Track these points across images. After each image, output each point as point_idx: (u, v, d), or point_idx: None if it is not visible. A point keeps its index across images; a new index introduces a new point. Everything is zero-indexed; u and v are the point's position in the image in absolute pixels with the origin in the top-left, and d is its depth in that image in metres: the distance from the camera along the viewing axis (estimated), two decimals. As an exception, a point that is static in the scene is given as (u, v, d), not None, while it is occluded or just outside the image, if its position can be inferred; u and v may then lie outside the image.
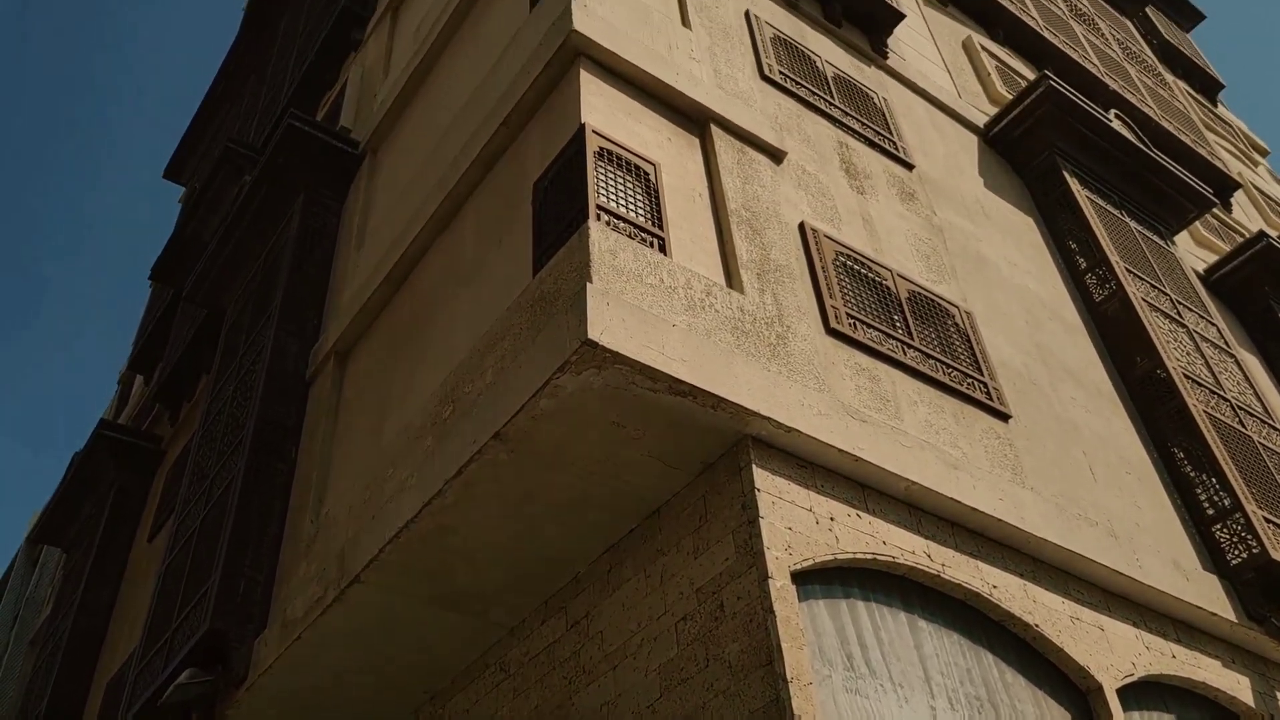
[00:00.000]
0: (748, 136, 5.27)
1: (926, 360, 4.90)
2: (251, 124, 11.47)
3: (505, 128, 5.17)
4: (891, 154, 6.27)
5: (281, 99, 10.15)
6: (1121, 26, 11.89)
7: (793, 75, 6.13)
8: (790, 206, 5.12)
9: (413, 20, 8.22)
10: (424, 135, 6.65)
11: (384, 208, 6.75)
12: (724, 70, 5.61)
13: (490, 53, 6.01)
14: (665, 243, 4.31)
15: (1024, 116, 7.36)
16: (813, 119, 5.97)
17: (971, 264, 5.99)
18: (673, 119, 5.09)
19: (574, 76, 4.84)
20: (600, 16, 5.06)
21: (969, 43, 8.75)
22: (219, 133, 13.38)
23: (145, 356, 11.36)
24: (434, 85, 7.02)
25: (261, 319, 6.95)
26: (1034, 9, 9.90)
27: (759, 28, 6.26)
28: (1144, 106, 9.73)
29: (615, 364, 3.69)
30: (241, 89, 13.33)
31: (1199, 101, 13.20)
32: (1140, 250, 7.13)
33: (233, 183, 9.68)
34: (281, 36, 12.02)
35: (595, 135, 4.50)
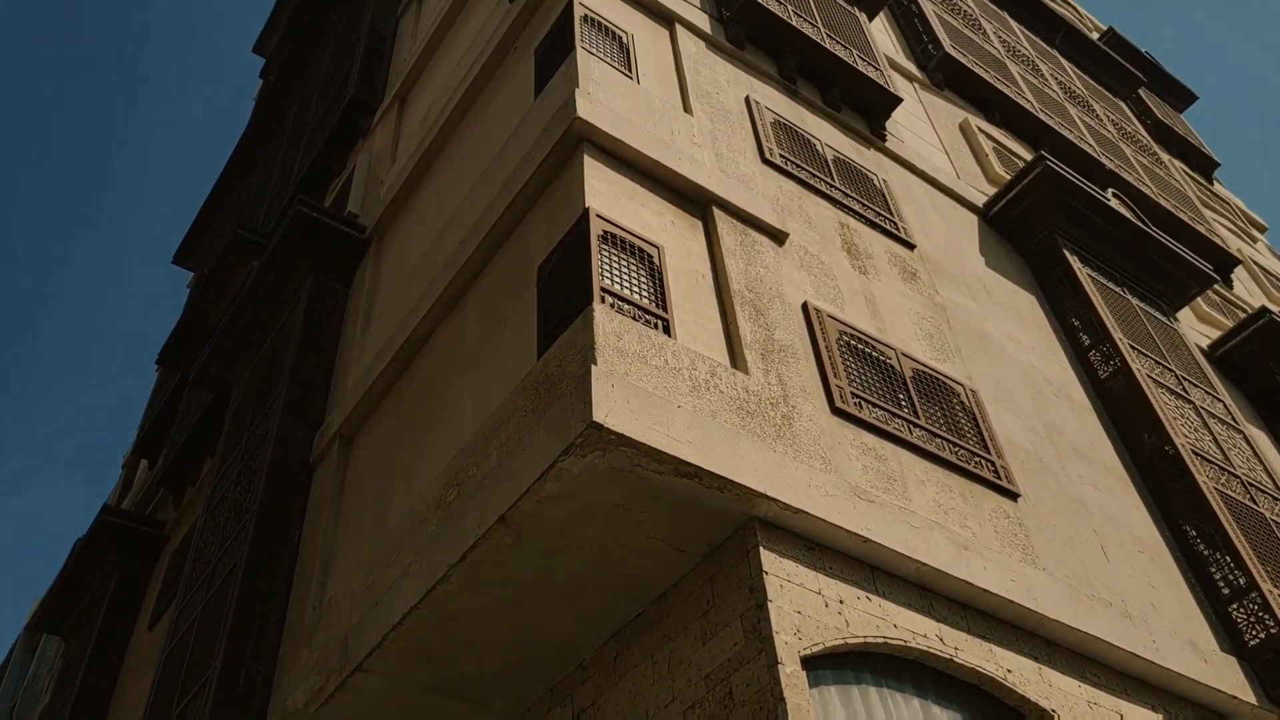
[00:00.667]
0: (750, 218, 5.33)
1: (933, 439, 4.87)
2: (261, 210, 11.64)
3: (510, 212, 5.24)
4: (892, 234, 6.34)
5: (290, 186, 10.32)
6: (1115, 108, 12.10)
7: (793, 158, 6.22)
8: (793, 287, 5.16)
9: (420, 109, 8.40)
10: (430, 220, 6.73)
11: (390, 291, 6.81)
12: (725, 154, 5.70)
13: (496, 139, 6.11)
14: (669, 324, 4.33)
15: (1022, 196, 7.45)
16: (814, 201, 6.04)
17: (975, 342, 6.00)
18: (676, 202, 5.16)
19: (578, 162, 4.92)
20: (603, 103, 5.17)
21: (966, 125, 8.90)
22: (228, 219, 13.58)
23: (150, 441, 11.35)
24: (440, 171, 7.14)
25: (267, 403, 6.96)
26: (1029, 92, 10.08)
27: (759, 113, 6.38)
28: (1141, 185, 9.84)
29: (620, 446, 3.68)
30: (251, 176, 13.56)
31: (1195, 180, 13.37)
32: (1143, 327, 7.14)
33: (241, 268, 9.78)
34: (291, 125, 12.27)
35: (599, 219, 4.55)
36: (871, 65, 7.64)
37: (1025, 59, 10.96)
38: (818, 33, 7.43)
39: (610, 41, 5.93)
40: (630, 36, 6.10)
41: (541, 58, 6.06)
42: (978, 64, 9.68)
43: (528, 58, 6.29)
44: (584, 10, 5.99)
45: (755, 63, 6.96)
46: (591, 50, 5.67)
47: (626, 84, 5.60)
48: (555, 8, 6.26)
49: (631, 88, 5.60)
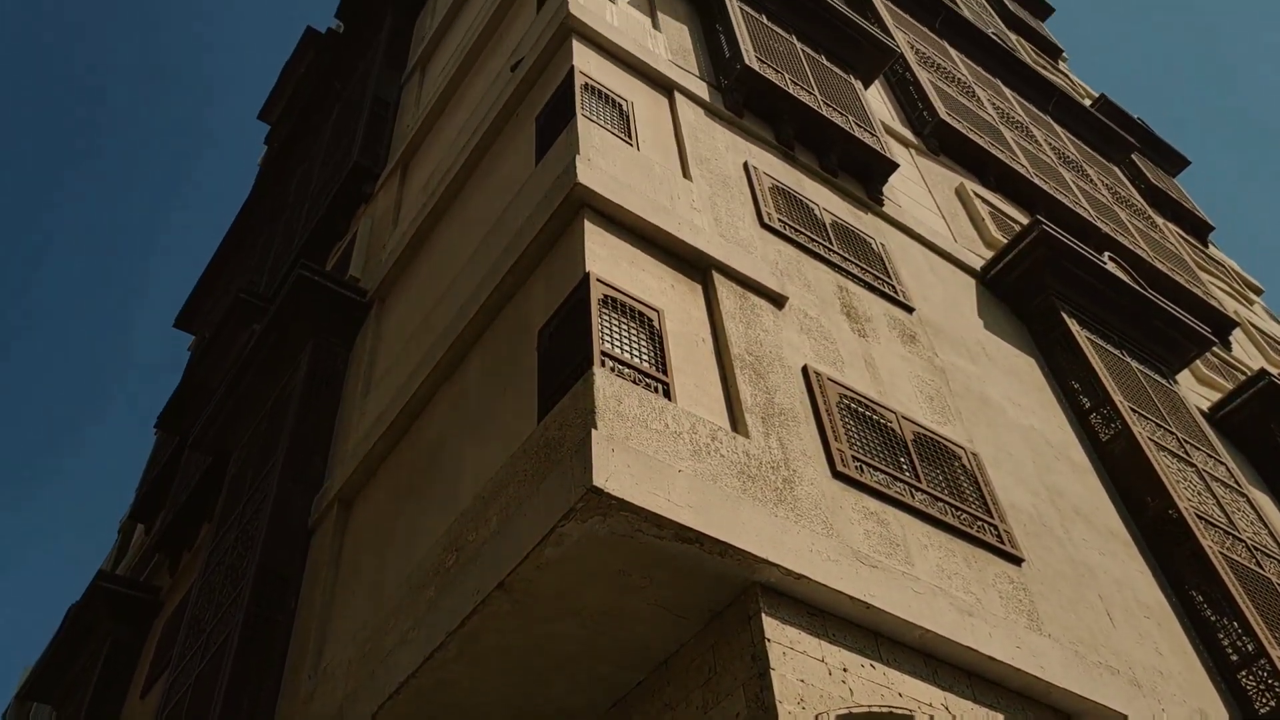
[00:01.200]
0: (749, 282, 5.36)
1: (935, 503, 4.85)
2: (263, 274, 11.71)
3: (511, 276, 5.27)
4: (891, 298, 6.37)
5: (293, 250, 10.40)
6: (1109, 172, 12.25)
7: (792, 223, 6.28)
8: (793, 350, 5.17)
9: (422, 175, 8.49)
10: (431, 284, 6.77)
11: (390, 355, 6.82)
12: (724, 219, 5.76)
13: (497, 204, 6.18)
14: (670, 388, 4.33)
15: (1019, 260, 7.51)
16: (813, 265, 6.08)
17: (976, 405, 6.00)
18: (675, 266, 5.19)
19: (578, 226, 4.96)
20: (603, 169, 5.23)
21: (962, 189, 9.00)
22: (231, 283, 13.65)
23: (148, 505, 11.28)
24: (441, 235, 7.20)
25: (266, 466, 6.93)
26: (1023, 156, 10.21)
27: (758, 178, 6.45)
28: (1137, 249, 9.92)
29: (621, 511, 3.65)
30: (254, 240, 13.67)
31: (1190, 243, 13.48)
32: (1143, 389, 7.15)
33: (242, 331, 9.81)
34: (295, 190, 12.40)
35: (599, 283, 4.58)
36: (868, 131, 7.75)
37: (1019, 125, 11.11)
38: (814, 100, 7.55)
39: (610, 109, 6.02)
40: (630, 104, 6.20)
41: (543, 125, 6.14)
42: (972, 130, 9.82)
43: (529, 125, 6.38)
44: (585, 79, 6.10)
45: (753, 129, 7.06)
46: (592, 118, 5.75)
47: (627, 150, 5.67)
48: (556, 76, 6.36)
49: (631, 154, 5.67)
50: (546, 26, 6.79)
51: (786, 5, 8.46)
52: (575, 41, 6.47)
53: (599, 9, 6.95)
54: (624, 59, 6.67)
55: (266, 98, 18.28)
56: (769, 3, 8.36)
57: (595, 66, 6.36)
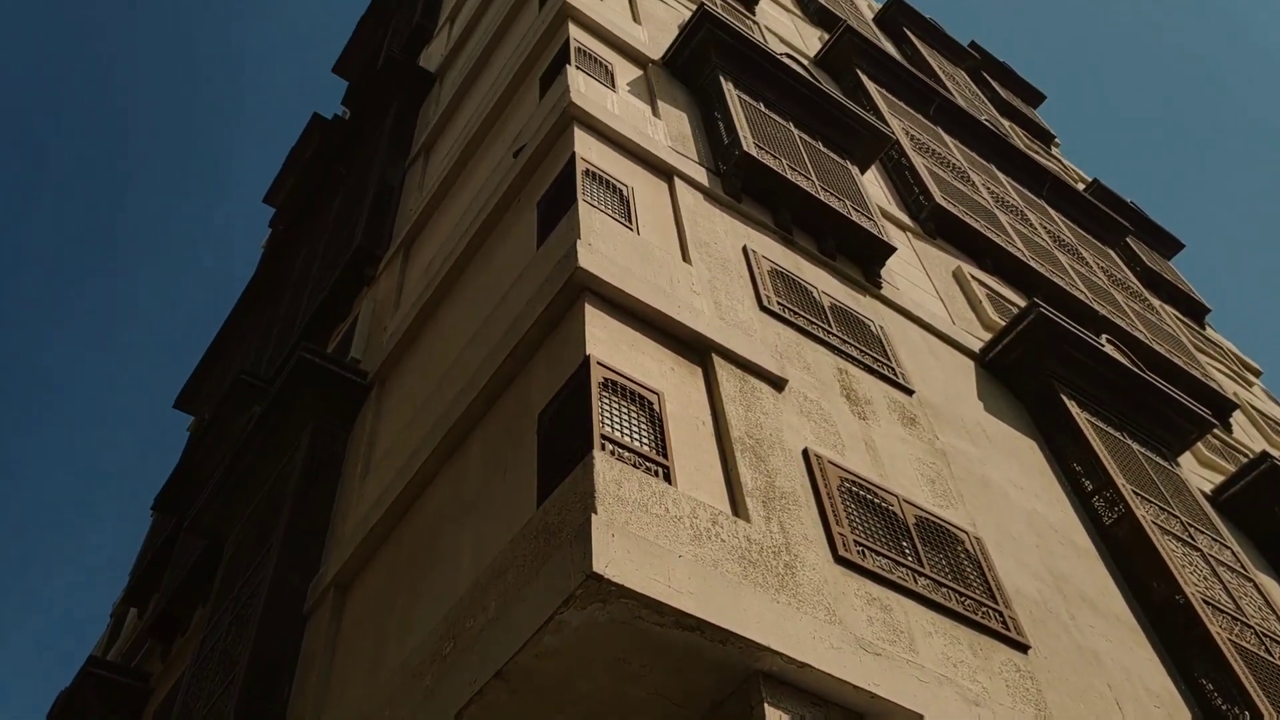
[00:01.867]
0: (749, 365, 5.38)
1: (939, 589, 4.79)
2: (265, 356, 11.75)
3: (512, 359, 5.29)
4: (891, 380, 6.38)
5: (295, 332, 10.45)
6: (1104, 255, 12.38)
7: (791, 305, 6.33)
8: (793, 433, 5.16)
9: (424, 257, 8.59)
10: (431, 367, 6.80)
11: (390, 437, 6.81)
12: (724, 302, 5.80)
13: (498, 288, 6.23)
14: (670, 471, 4.32)
15: (1017, 343, 7.55)
16: (812, 347, 6.11)
17: (977, 488, 5.97)
18: (675, 349, 5.22)
19: (579, 310, 5.00)
20: (604, 254, 5.29)
21: (959, 272, 9.08)
22: (231, 364, 13.69)
23: (141, 588, 11.14)
24: (442, 318, 7.25)
25: (262, 550, 6.86)
26: (1019, 240, 10.33)
27: (756, 262, 6.52)
28: (1134, 331, 9.98)
29: (621, 598, 3.61)
30: (256, 322, 13.75)
31: (1187, 325, 13.55)
32: (1145, 472, 7.12)
33: (242, 413, 9.81)
34: (298, 273, 12.52)
35: (599, 366, 4.60)
36: (865, 216, 7.86)
37: (1014, 209, 11.27)
38: (812, 185, 7.67)
39: (611, 194, 6.12)
40: (630, 189, 6.30)
41: (544, 209, 6.23)
42: (968, 214, 9.95)
43: (531, 209, 6.48)
44: (586, 165, 6.20)
45: (752, 213, 7.16)
46: (593, 203, 5.84)
47: (627, 235, 5.75)
48: (558, 162, 6.48)
49: (631, 238, 5.74)
50: (549, 114, 6.94)
51: (784, 94, 8.64)
52: (577, 128, 6.60)
53: (600, 97, 7.11)
54: (625, 145, 6.80)
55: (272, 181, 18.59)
56: (766, 91, 8.55)
57: (596, 153, 6.48)
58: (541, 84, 7.98)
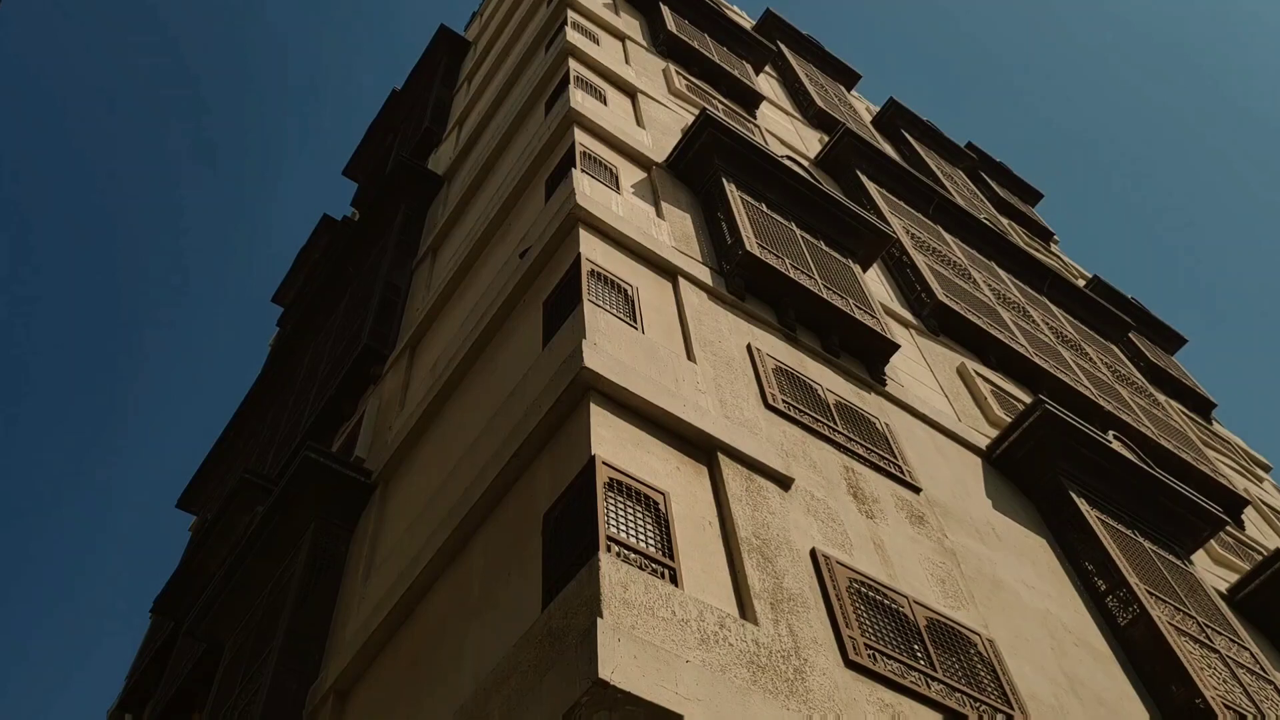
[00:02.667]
0: (755, 464, 5.35)
1: (952, 694, 4.68)
2: (269, 455, 11.72)
3: (516, 460, 5.27)
4: (898, 478, 6.34)
5: (299, 431, 10.45)
6: (1108, 351, 12.41)
7: (796, 403, 6.33)
8: (800, 533, 5.11)
9: (430, 357, 8.63)
10: (436, 467, 6.77)
11: (393, 538, 6.74)
12: (729, 401, 5.80)
13: (503, 387, 6.25)
14: (677, 573, 4.26)
15: (1024, 440, 7.51)
16: (818, 445, 6.09)
17: (988, 588, 5.88)
18: (681, 448, 5.20)
19: (584, 410, 5.00)
20: (609, 353, 5.31)
21: (963, 369, 9.10)
22: (235, 464, 13.65)
23: (137, 694, 10.91)
24: (447, 418, 7.25)
25: (261, 655, 6.74)
26: (1022, 336, 10.38)
27: (761, 360, 6.54)
28: (1141, 426, 9.94)
29: (627, 705, 3.52)
30: (261, 422, 13.75)
31: (1194, 420, 13.51)
32: (1159, 571, 7.01)
33: (244, 513, 9.74)
34: (304, 372, 12.57)
35: (605, 466, 4.58)
36: (868, 313, 7.91)
37: (1016, 306, 11.35)
38: (815, 284, 7.74)
39: (616, 294, 6.18)
40: (635, 289, 6.36)
41: (550, 309, 6.29)
42: (970, 311, 10.02)
43: (536, 309, 6.53)
44: (591, 265, 6.28)
45: (756, 312, 7.21)
46: (598, 303, 5.89)
47: (632, 334, 5.78)
48: (564, 263, 6.56)
49: (636, 338, 5.77)
50: (554, 216, 7.05)
51: (785, 195, 8.80)
52: (582, 230, 6.70)
53: (605, 199, 7.24)
54: (629, 246, 6.89)
55: (281, 281, 18.81)
56: (768, 192, 8.70)
57: (601, 253, 6.57)
58: (547, 186, 8.13)
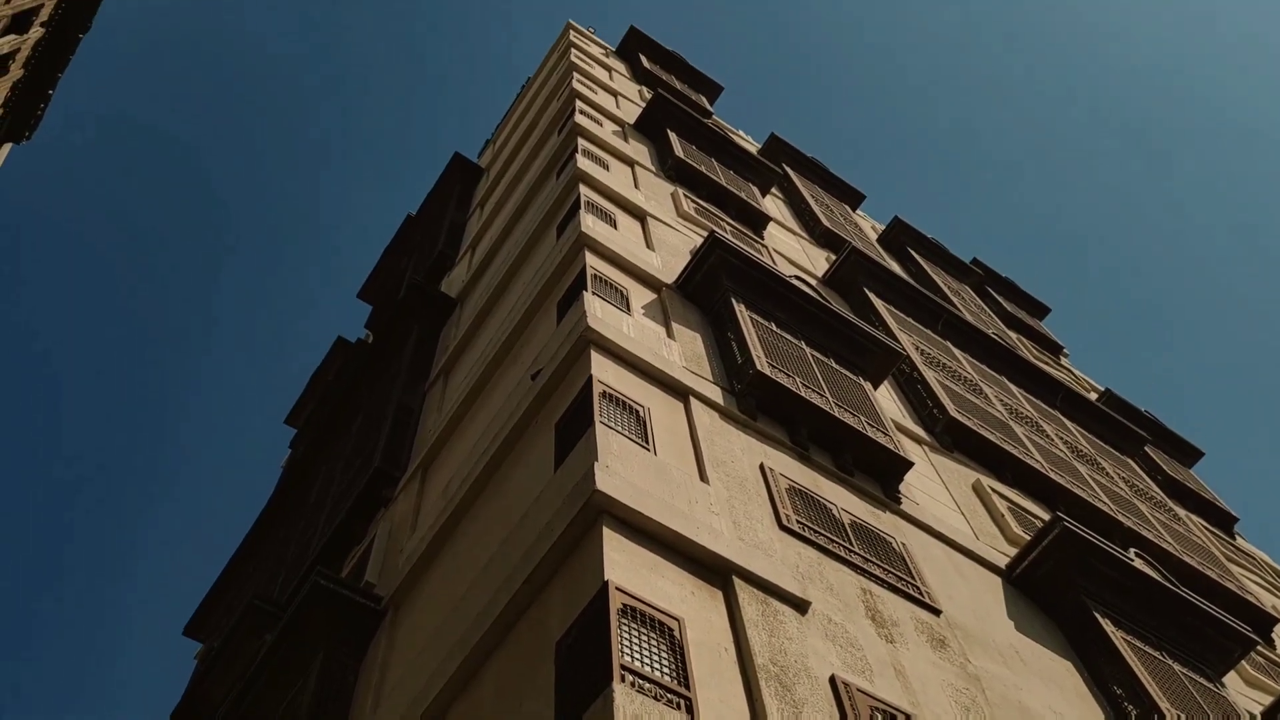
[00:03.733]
0: (771, 587, 5.26)
1: (982, 830, 4.48)
2: (278, 580, 11.59)
3: (528, 585, 5.19)
4: (916, 599, 6.22)
5: (309, 555, 10.34)
6: (1124, 465, 12.30)
7: (811, 524, 6.25)
8: (819, 659, 4.98)
9: (442, 479, 8.60)
10: (446, 592, 6.67)
11: (402, 666, 6.60)
12: (743, 522, 5.74)
13: (515, 511, 6.20)
14: (693, 705, 4.15)
15: (1044, 559, 7.39)
16: (834, 567, 6.00)
17: (1015, 716, 5.69)
18: (695, 572, 5.12)
19: (596, 534, 4.95)
20: (621, 476, 5.29)
21: (979, 485, 9.01)
22: (243, 590, 13.48)
23: (135, 832, 10.53)
24: (459, 541, 7.17)
25: (265, 791, 6.53)
26: (1036, 452, 10.30)
27: (774, 480, 6.49)
28: (1163, 543, 9.78)
29: (643, 846, 3.39)
30: (271, 545, 13.64)
31: (1216, 535, 13.29)
32: (1191, 695, 6.79)
33: (252, 640, 9.57)
34: (315, 496, 12.52)
35: (619, 592, 4.51)
36: (880, 431, 7.88)
37: (1029, 420, 11.31)
38: (826, 402, 7.74)
39: (628, 416, 6.18)
40: (647, 410, 6.37)
41: (562, 432, 6.29)
42: (983, 426, 9.98)
43: (548, 431, 6.53)
44: (603, 387, 6.31)
45: (768, 431, 7.20)
46: (610, 424, 5.89)
47: (644, 456, 5.77)
48: (575, 385, 6.59)
49: (649, 459, 5.76)
50: (566, 338, 7.12)
51: (794, 314, 8.88)
52: (593, 351, 6.76)
53: (616, 321, 7.31)
54: (640, 367, 6.94)
55: (294, 403, 18.91)
56: (777, 311, 8.79)
57: (612, 375, 6.60)
58: (559, 309, 8.23)
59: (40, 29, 28.12)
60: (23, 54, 27.93)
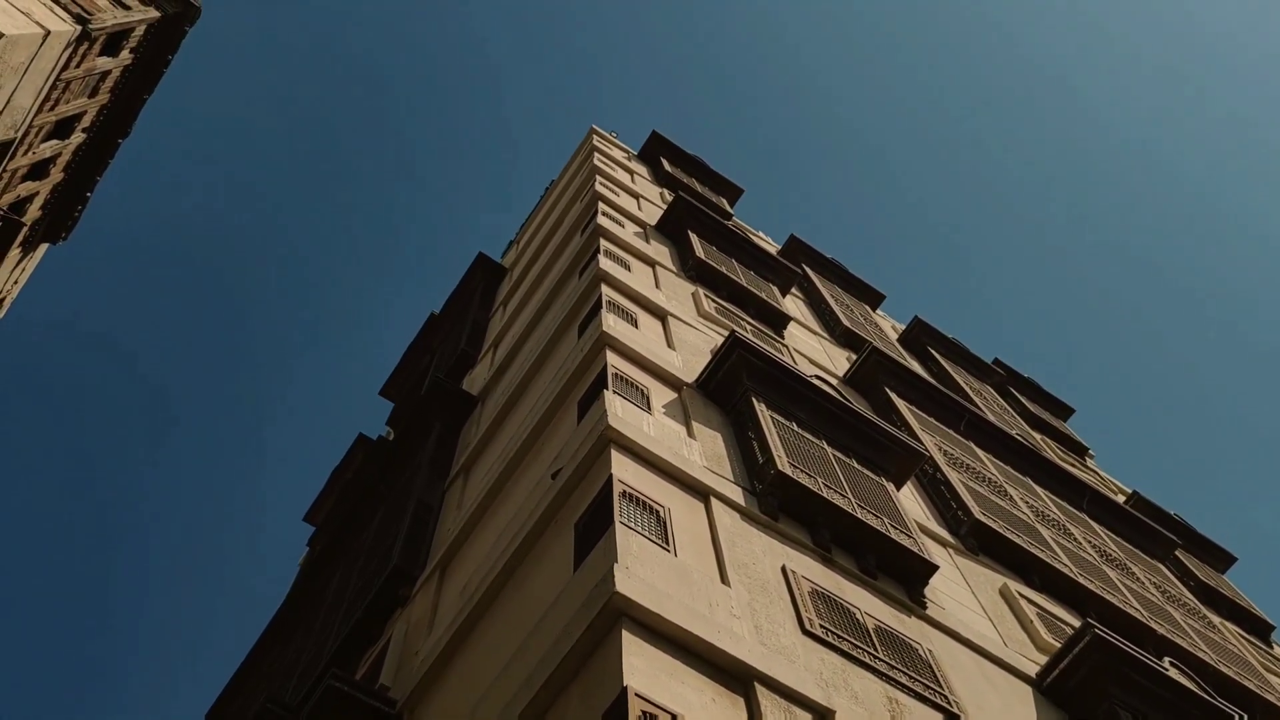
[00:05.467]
0: (794, 695, 5.13)
1: None
2: (293, 680, 11.40)
3: (546, 690, 5.08)
4: (944, 709, 6.04)
5: (324, 655, 10.19)
6: (1155, 570, 12.04)
7: (834, 629, 6.13)
8: (844, 771, 4.83)
9: (460, 579, 8.51)
10: (463, 695, 6.54)
11: (416, 773, 6.44)
12: (765, 626, 5.63)
13: (534, 612, 6.11)
14: (713, 818, 4.01)
15: (1075, 667, 7.18)
16: (859, 674, 5.85)
17: (1050, 833, 5.46)
18: (715, 677, 5.01)
19: (616, 638, 4.87)
20: (641, 578, 5.22)
21: (1006, 590, 8.83)
22: (259, 687, 13.26)
23: None
24: (476, 643, 7.06)
25: None
26: (1064, 555, 10.11)
27: (796, 582, 6.39)
28: (1198, 651, 9.50)
29: None
30: (286, 644, 13.46)
31: (1252, 643, 12.90)
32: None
33: (263, 744, 9.37)
34: (332, 593, 12.40)
35: (637, 699, 4.40)
36: (904, 533, 7.77)
37: (1056, 523, 11.12)
38: (849, 503, 7.66)
39: (648, 516, 6.13)
40: (668, 510, 6.32)
41: (581, 532, 6.24)
42: (1009, 529, 9.82)
43: (568, 531, 6.48)
44: (623, 486, 6.27)
45: (790, 532, 7.11)
46: (630, 525, 5.84)
47: (664, 557, 5.70)
48: (595, 484, 6.56)
49: (669, 561, 5.69)
50: (586, 437, 7.11)
51: (816, 414, 8.85)
52: (614, 451, 6.74)
53: (636, 420, 7.31)
54: (661, 466, 6.91)
55: (314, 500, 18.88)
56: (798, 411, 8.77)
57: (633, 474, 6.57)
58: (580, 407, 8.25)
59: (82, 134, 29.10)
60: (63, 158, 28.85)
